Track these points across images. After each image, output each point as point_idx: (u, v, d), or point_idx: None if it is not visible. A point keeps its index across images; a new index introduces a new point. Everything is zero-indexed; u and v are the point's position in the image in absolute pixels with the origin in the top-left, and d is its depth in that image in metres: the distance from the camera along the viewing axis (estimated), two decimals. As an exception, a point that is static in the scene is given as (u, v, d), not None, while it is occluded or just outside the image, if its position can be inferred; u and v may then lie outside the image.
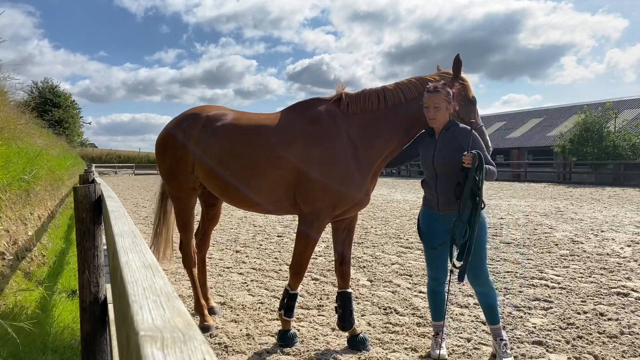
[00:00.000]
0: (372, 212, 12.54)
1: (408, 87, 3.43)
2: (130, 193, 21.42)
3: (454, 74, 3.42)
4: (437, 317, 3.47)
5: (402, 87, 3.45)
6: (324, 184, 3.33)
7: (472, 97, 3.43)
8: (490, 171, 3.11)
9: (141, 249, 1.14)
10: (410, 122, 3.41)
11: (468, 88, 3.42)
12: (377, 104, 3.44)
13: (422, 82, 3.42)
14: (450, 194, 3.13)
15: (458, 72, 3.41)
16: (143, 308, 0.66)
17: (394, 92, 3.44)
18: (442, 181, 3.19)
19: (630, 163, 25.77)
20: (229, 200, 3.81)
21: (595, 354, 3.41)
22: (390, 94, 3.44)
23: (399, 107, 3.42)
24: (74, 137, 40.64)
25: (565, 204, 14.23)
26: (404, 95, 3.42)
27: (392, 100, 3.43)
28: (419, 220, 3.44)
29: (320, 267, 6.28)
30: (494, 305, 3.27)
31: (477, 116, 3.44)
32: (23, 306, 3.83)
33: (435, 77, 3.43)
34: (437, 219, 3.27)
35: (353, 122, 3.44)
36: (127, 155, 62.61)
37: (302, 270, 3.59)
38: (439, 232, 3.27)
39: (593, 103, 35.70)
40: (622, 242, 7.77)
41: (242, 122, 3.69)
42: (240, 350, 3.55)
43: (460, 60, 3.38)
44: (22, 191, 5.73)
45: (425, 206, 3.39)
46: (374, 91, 3.48)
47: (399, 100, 3.42)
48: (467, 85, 3.43)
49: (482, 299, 3.28)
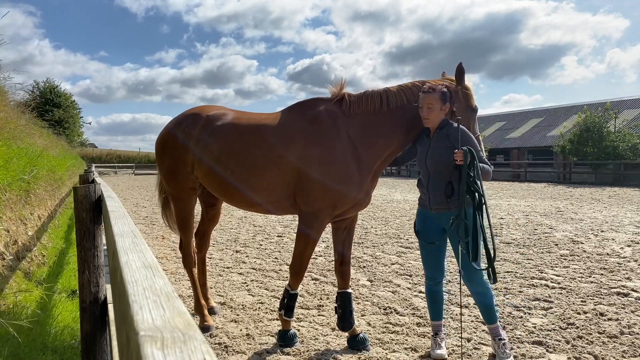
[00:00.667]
0: (372, 212, 12.54)
1: (411, 90, 3.43)
2: (130, 193, 21.42)
3: (456, 82, 3.39)
4: (435, 317, 3.47)
5: (404, 90, 3.45)
6: (324, 183, 3.33)
7: (475, 106, 3.43)
8: (485, 170, 3.12)
9: (141, 249, 1.14)
10: (411, 124, 3.41)
11: (471, 97, 3.41)
12: (379, 106, 3.44)
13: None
14: (440, 192, 3.16)
15: (461, 80, 3.39)
16: (143, 308, 0.66)
17: (397, 95, 3.43)
18: (434, 180, 3.23)
19: (630, 163, 25.77)
20: (229, 200, 3.81)
21: (595, 354, 3.41)
22: (393, 96, 3.44)
23: (400, 109, 3.42)
24: (74, 137, 40.63)
25: (565, 204, 14.23)
26: (407, 97, 3.42)
27: (394, 102, 3.43)
28: (415, 220, 3.48)
29: (321, 267, 6.28)
30: (491, 305, 3.26)
31: (475, 124, 3.44)
32: (23, 306, 3.83)
33: (437, 83, 3.42)
34: (430, 218, 3.31)
35: (354, 123, 3.44)
36: (127, 155, 62.61)
37: (302, 270, 3.59)
38: (432, 231, 3.31)
39: (593, 103, 35.71)
40: (622, 242, 7.77)
41: (242, 122, 3.69)
42: (240, 350, 3.55)
43: (462, 68, 3.34)
44: (22, 191, 5.73)
45: (420, 205, 3.41)
46: (377, 93, 3.48)
47: (401, 102, 3.42)
48: (470, 94, 3.41)
49: (479, 299, 3.27)
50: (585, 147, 27.45)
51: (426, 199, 3.30)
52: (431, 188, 3.24)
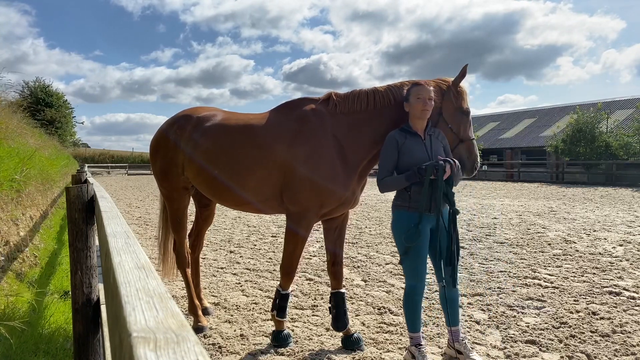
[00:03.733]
0: (366, 212, 12.56)
1: (399, 90, 3.37)
2: (124, 193, 21.31)
3: (453, 82, 3.33)
4: (418, 327, 3.26)
5: (393, 90, 3.39)
6: (310, 182, 3.33)
7: (466, 109, 3.35)
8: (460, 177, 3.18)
9: (134, 249, 1.13)
10: (397, 124, 3.36)
11: (463, 98, 3.34)
12: (365, 105, 3.40)
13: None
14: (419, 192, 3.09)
15: (459, 82, 3.34)
16: (136, 309, 0.66)
17: (384, 94, 3.39)
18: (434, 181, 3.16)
19: (622, 163, 25.99)
20: (219, 199, 3.83)
21: (587, 353, 3.44)
22: (380, 95, 3.39)
23: (387, 108, 3.38)
24: (67, 137, 40.35)
25: (558, 204, 14.32)
26: (394, 97, 3.36)
27: (381, 102, 3.38)
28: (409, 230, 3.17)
29: (315, 267, 6.28)
30: (458, 305, 3.28)
31: (470, 128, 3.36)
32: (15, 307, 3.80)
33: (430, 82, 3.38)
34: (425, 221, 3.10)
35: (340, 122, 3.42)
36: (120, 155, 62.32)
37: (293, 270, 3.59)
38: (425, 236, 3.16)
39: (585, 103, 36.00)
40: (614, 241, 7.83)
41: (230, 122, 3.71)
42: (234, 351, 3.54)
43: (465, 72, 3.32)
44: (14, 191, 5.69)
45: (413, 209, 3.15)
46: (364, 92, 3.45)
47: (388, 102, 3.38)
48: (463, 95, 3.35)
49: (454, 304, 3.25)
50: (577, 147, 27.67)
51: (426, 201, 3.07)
52: (415, 188, 3.10)
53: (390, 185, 3.19)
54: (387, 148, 3.21)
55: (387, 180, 3.18)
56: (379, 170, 3.24)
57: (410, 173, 3.07)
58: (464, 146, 3.32)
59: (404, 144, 3.16)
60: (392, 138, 3.20)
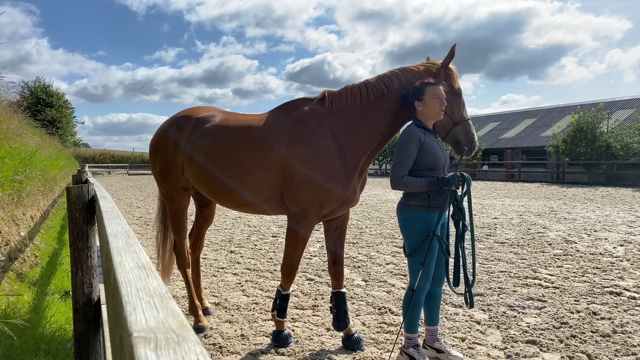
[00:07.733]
0: (366, 212, 12.55)
1: (390, 79, 3.34)
2: (124, 193, 21.31)
3: (442, 64, 3.30)
4: (416, 328, 3.27)
5: (384, 79, 3.36)
6: (310, 183, 3.32)
7: (457, 89, 3.31)
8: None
9: (135, 249, 1.13)
10: (392, 114, 3.34)
11: (453, 78, 3.30)
12: (359, 99, 3.38)
13: (404, 73, 3.33)
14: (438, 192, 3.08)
15: (448, 62, 3.30)
16: (136, 309, 0.66)
17: (376, 85, 3.36)
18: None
19: (622, 163, 25.97)
20: (219, 200, 3.82)
21: (588, 353, 3.43)
22: (372, 87, 3.36)
23: (381, 99, 3.34)
24: (67, 137, 40.37)
25: (558, 204, 14.31)
26: (386, 87, 3.33)
27: (374, 93, 3.35)
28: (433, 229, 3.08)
29: (315, 267, 6.28)
30: (440, 304, 3.34)
31: (464, 109, 3.32)
32: (16, 307, 3.80)
33: (419, 68, 3.33)
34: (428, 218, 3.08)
35: (337, 120, 3.41)
36: (121, 155, 62.37)
37: (293, 270, 3.59)
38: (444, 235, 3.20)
39: (586, 103, 35.97)
40: (615, 241, 7.83)
41: (229, 123, 3.71)
42: (235, 351, 3.54)
43: (454, 52, 3.28)
44: (15, 192, 5.69)
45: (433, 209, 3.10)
46: (356, 86, 3.43)
47: (381, 92, 3.34)
48: (453, 76, 3.31)
49: (436, 301, 3.31)
50: (578, 147, 27.63)
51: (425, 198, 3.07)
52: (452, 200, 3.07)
53: (409, 186, 3.05)
54: (408, 144, 3.05)
55: (407, 181, 3.03)
56: (397, 166, 3.08)
57: (433, 181, 3.01)
58: (460, 128, 3.27)
59: (425, 142, 3.07)
60: (415, 134, 3.06)
